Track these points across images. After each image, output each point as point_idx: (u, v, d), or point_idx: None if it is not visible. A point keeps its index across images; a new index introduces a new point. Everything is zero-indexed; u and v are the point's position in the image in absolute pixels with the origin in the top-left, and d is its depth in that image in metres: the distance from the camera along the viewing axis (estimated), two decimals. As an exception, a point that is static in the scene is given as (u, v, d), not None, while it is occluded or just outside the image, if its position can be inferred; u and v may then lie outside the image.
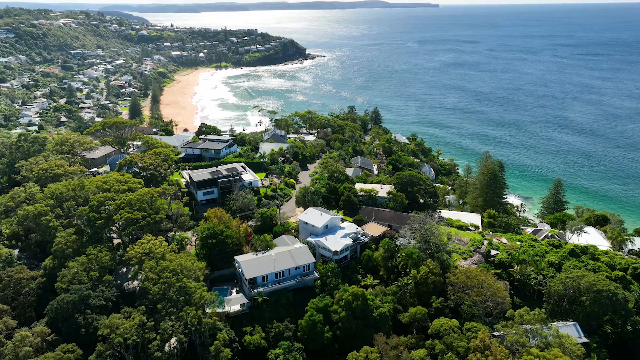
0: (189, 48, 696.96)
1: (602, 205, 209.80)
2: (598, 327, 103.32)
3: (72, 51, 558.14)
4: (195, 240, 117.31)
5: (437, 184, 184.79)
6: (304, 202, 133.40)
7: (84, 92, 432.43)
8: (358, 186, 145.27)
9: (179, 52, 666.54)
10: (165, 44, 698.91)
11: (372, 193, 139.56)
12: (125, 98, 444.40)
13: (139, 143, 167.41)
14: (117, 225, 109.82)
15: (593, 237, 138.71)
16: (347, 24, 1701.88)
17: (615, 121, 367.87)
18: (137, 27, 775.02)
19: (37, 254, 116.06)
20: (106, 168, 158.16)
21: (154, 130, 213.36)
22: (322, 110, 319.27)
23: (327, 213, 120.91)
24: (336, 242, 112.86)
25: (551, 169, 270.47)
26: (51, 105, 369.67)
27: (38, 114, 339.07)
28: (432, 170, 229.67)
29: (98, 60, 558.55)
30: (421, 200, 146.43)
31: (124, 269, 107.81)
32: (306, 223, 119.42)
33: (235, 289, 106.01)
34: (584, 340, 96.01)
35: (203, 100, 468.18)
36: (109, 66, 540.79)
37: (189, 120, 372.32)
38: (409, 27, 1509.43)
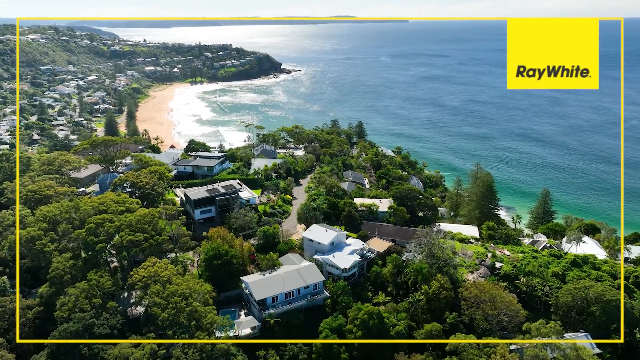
0: (162, 63, 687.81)
1: (580, 216, 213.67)
2: (606, 337, 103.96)
3: (42, 67, 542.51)
4: (198, 261, 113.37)
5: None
6: (306, 218, 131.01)
7: (56, 109, 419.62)
8: (358, 201, 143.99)
9: (152, 68, 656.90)
10: (138, 59, 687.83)
11: (372, 208, 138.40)
12: (99, 115, 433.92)
13: (128, 161, 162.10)
14: (115, 248, 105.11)
15: (590, 247, 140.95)
16: (318, 39, 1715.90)
17: (582, 133, 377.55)
18: (109, 42, 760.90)
19: (28, 280, 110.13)
20: (94, 188, 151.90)
21: (140, 147, 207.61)
22: (300, 124, 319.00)
23: (333, 230, 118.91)
24: (344, 259, 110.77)
25: (527, 181, 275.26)
26: (22, 123, 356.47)
27: (9, 132, 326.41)
28: (420, 183, 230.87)
29: (69, 76, 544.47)
30: (420, 214, 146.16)
31: (125, 294, 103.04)
32: (311, 240, 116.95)
33: (243, 311, 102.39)
34: (598, 350, 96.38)
35: (179, 116, 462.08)
36: (81, 82, 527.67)
37: (167, 137, 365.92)
38: (381, 41, 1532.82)
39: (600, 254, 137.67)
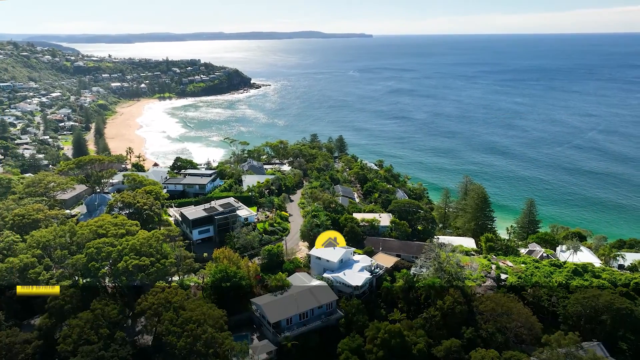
0: (129, 79, 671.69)
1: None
2: (615, 344, 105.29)
3: (1, 84, 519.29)
4: (203, 283, 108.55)
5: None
6: (309, 235, 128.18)
7: (19, 127, 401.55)
8: (357, 216, 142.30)
9: (119, 84, 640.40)
10: (103, 75, 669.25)
11: (374, 223, 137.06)
12: (65, 132, 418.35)
13: (114, 181, 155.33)
14: (116, 273, 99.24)
15: (584, 255, 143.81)
16: (284, 54, 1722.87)
17: (546, 145, 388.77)
18: (72, 58, 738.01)
19: (19, 312, 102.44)
20: (80, 209, 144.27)
21: (122, 166, 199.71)
22: (283, 139, 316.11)
23: (341, 246, 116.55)
24: (355, 277, 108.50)
25: (499, 193, 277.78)
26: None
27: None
28: (405, 195, 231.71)
29: (31, 93, 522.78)
30: (419, 227, 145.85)
31: (129, 322, 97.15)
32: (319, 258, 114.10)
33: (256, 335, 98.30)
34: (612, 359, 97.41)
35: (149, 133, 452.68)
36: (44, 99, 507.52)
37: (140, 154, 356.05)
38: (347, 56, 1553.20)
39: (595, 261, 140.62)
